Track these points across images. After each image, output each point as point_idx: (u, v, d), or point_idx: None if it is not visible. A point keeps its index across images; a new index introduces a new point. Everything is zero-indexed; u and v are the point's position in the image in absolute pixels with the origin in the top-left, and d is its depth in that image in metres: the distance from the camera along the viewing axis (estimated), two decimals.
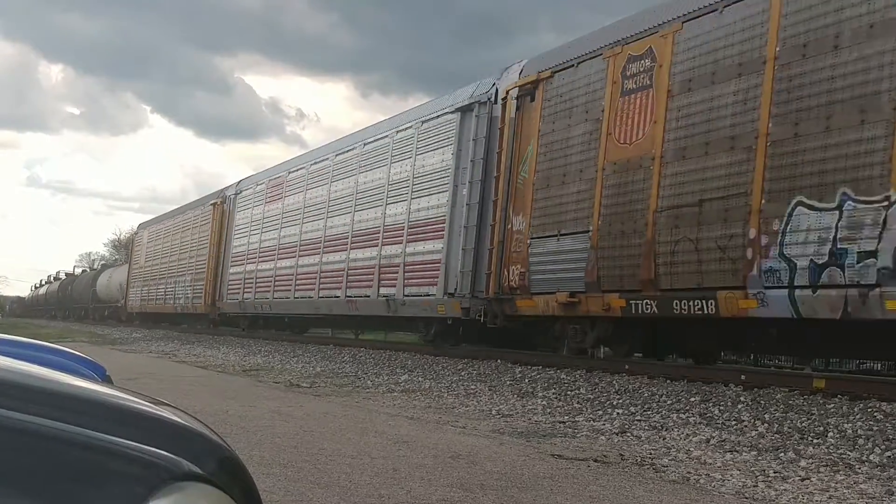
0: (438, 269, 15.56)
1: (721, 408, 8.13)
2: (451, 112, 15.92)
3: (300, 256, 21.91)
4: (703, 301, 10.00)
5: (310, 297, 21.00)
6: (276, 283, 23.11)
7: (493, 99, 14.91)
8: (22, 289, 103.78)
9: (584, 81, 12.60)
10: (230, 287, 26.42)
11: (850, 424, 6.92)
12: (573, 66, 12.90)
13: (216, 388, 9.78)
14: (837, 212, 8.64)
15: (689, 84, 10.75)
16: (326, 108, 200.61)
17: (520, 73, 14.29)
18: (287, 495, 4.12)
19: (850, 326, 9.01)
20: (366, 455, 5.36)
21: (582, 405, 8.80)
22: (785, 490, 4.75)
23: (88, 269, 61.21)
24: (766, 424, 7.17)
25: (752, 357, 13.11)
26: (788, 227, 9.10)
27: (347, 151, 20.53)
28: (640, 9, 12.46)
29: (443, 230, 15.64)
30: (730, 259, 9.74)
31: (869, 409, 7.46)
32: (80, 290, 53.59)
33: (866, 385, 8.74)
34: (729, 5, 10.28)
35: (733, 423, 7.39)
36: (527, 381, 11.07)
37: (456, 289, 14.96)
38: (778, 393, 8.72)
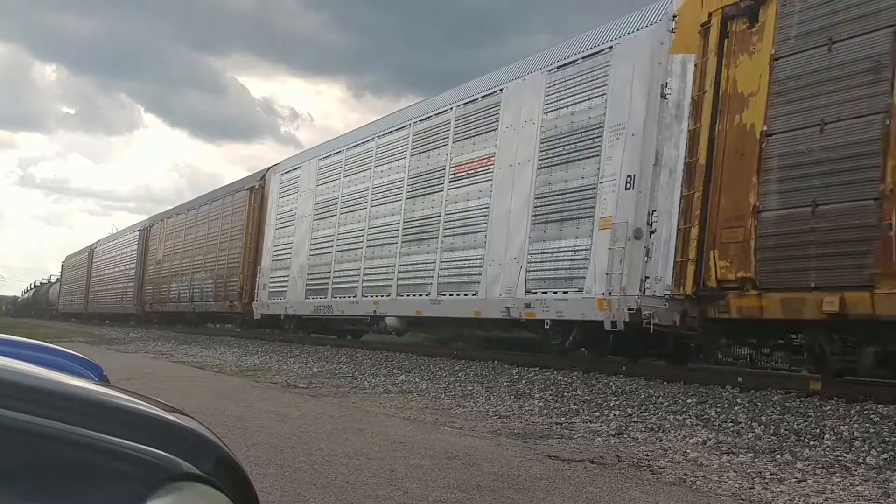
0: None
1: (718, 409, 8.13)
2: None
3: (112, 285, 44.49)
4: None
5: (110, 304, 44.40)
6: (105, 297, 46.53)
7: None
8: (17, 288, 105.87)
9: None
10: (91, 298, 50.42)
11: (846, 426, 6.93)
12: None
13: (213, 389, 9.77)
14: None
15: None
16: (320, 108, 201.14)
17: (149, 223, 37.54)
18: (284, 495, 4.12)
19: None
20: (363, 455, 5.36)
21: (579, 406, 8.80)
22: (781, 492, 4.75)
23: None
24: (762, 426, 7.18)
25: (748, 359, 13.32)
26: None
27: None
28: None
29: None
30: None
31: (865, 412, 7.47)
32: (42, 295, 74.72)
33: (863, 387, 8.76)
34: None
35: (730, 424, 7.39)
36: (524, 382, 11.07)
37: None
38: (774, 395, 8.74)
